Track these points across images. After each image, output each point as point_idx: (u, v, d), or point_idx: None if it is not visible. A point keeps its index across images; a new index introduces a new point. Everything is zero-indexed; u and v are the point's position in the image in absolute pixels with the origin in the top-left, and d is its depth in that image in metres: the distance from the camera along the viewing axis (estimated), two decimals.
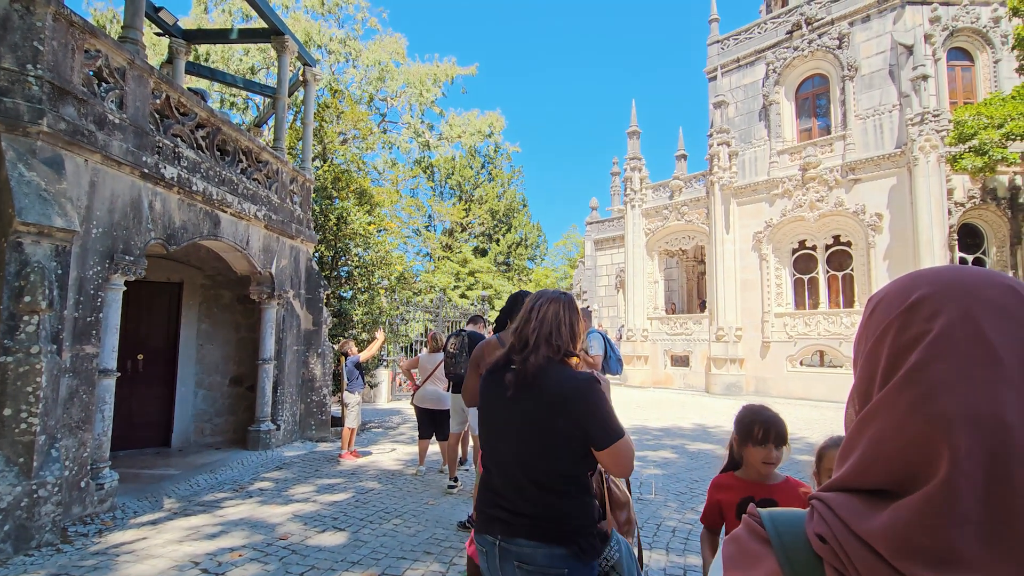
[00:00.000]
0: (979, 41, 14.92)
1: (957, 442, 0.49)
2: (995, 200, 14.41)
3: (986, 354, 0.52)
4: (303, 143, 9.77)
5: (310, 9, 22.73)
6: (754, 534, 0.63)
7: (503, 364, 1.81)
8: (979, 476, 0.48)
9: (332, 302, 11.06)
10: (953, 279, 0.57)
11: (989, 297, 0.55)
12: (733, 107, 18.19)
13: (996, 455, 0.48)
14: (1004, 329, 0.53)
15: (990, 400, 0.50)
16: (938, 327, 0.54)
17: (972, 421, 0.50)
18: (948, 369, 0.52)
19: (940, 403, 0.51)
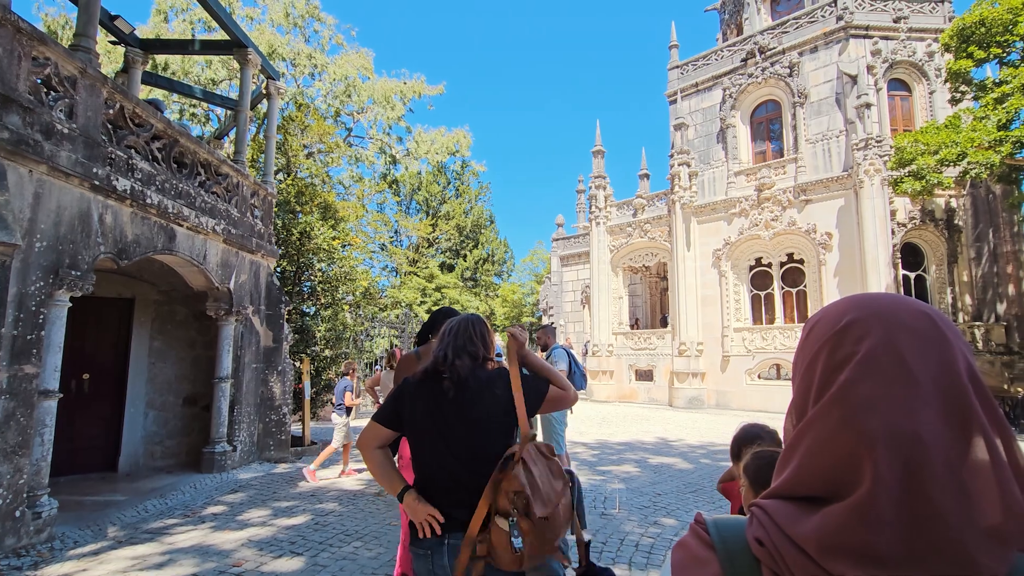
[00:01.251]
0: (916, 73, 15.99)
1: (879, 456, 0.55)
2: (933, 221, 15.34)
3: (905, 375, 0.58)
4: (265, 156, 9.61)
5: (276, 22, 22.51)
6: (700, 540, 0.68)
7: (432, 373, 2.00)
8: (897, 486, 0.54)
9: (294, 318, 10.81)
10: (879, 305, 0.64)
11: (907, 322, 0.61)
12: (692, 129, 18.86)
13: (912, 468, 0.55)
14: (920, 351, 0.59)
15: (908, 418, 0.56)
16: (864, 349, 0.60)
17: (892, 437, 0.56)
18: (873, 389, 0.58)
19: (865, 420, 0.57)
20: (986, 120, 11.07)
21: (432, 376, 2.00)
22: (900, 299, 0.66)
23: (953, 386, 0.57)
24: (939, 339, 0.60)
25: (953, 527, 0.53)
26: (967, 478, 0.55)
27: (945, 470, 0.54)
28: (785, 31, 17.19)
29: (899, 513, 0.53)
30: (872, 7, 16.16)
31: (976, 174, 11.18)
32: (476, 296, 34.54)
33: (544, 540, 1.77)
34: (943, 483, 0.54)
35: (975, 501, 0.54)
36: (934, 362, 0.58)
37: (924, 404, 0.57)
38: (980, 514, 0.54)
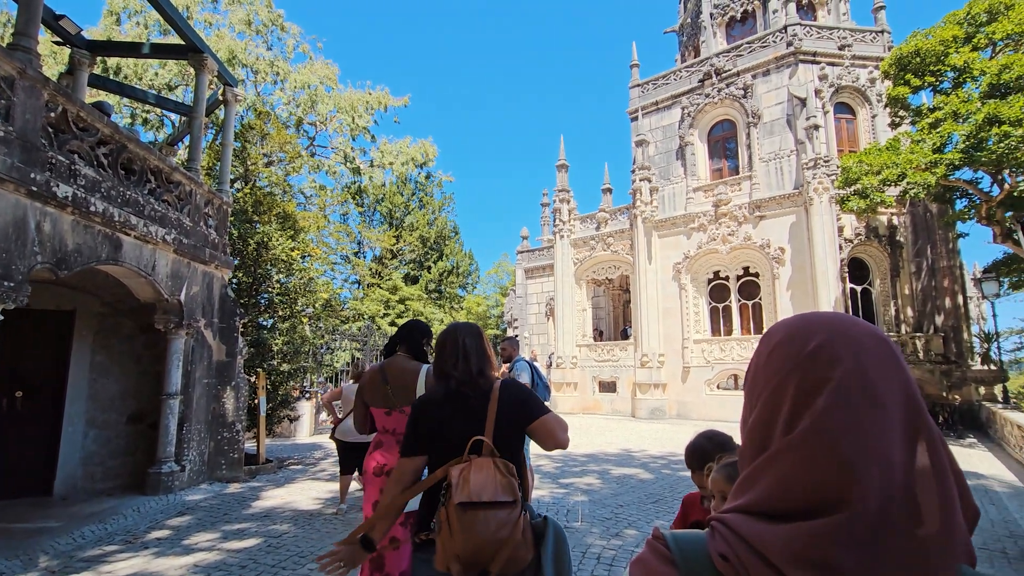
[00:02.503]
0: (859, 98, 16.93)
1: (861, 481, 0.59)
2: (877, 237, 16.18)
3: (874, 400, 0.62)
4: (221, 164, 9.33)
5: (237, 28, 22.03)
6: (660, 556, 0.67)
7: (455, 391, 2.04)
8: (872, 509, 0.58)
9: (250, 331, 10.45)
10: (841, 328, 0.68)
11: (870, 346, 0.66)
12: (653, 146, 19.39)
13: (886, 491, 0.59)
14: (884, 376, 0.64)
15: (880, 442, 0.61)
16: (838, 376, 0.64)
17: (871, 462, 0.60)
18: (849, 415, 0.62)
19: (844, 448, 0.61)
20: (922, 143, 11.80)
21: (455, 394, 2.03)
22: (855, 321, 0.70)
23: (911, 407, 0.63)
24: (895, 362, 0.66)
25: (917, 545, 0.57)
26: (922, 494, 0.59)
27: (905, 489, 0.59)
28: (739, 55, 17.95)
29: (874, 533, 0.57)
30: (819, 35, 17.07)
31: (915, 194, 11.87)
32: (440, 308, 34.26)
33: (457, 548, 1.66)
34: (906, 502, 0.59)
35: (927, 515, 0.59)
36: (896, 386, 0.64)
37: (891, 428, 0.61)
38: (932, 526, 0.58)
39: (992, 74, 10.94)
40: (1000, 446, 11.70)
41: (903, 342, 15.40)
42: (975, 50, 11.81)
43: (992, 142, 10.45)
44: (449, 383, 2.04)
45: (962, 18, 12.09)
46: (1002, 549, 5.19)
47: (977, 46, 11.83)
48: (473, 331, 2.20)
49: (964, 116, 11.15)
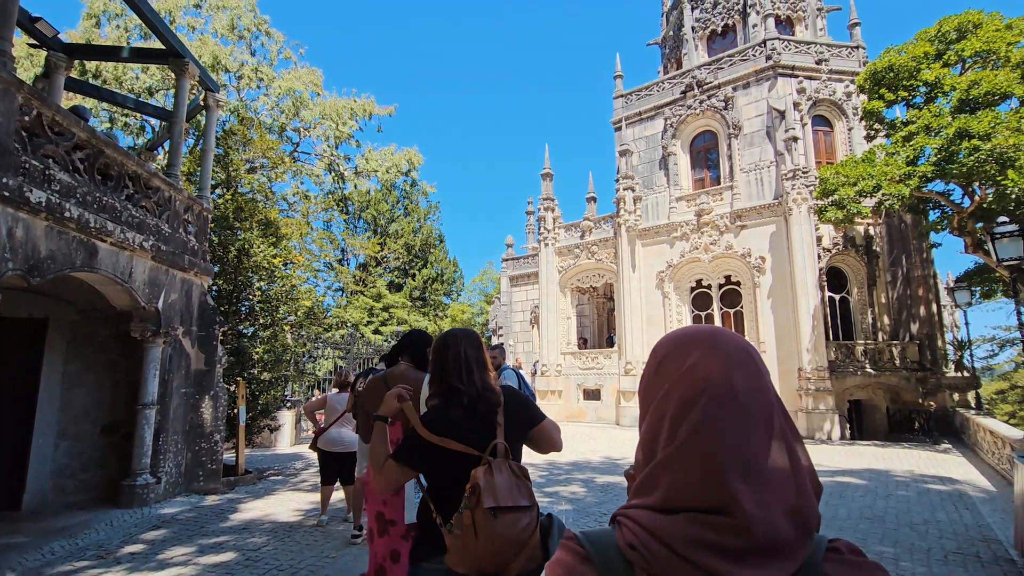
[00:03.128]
0: (836, 111, 17.35)
1: (732, 478, 0.71)
2: (854, 247, 16.53)
3: (741, 408, 0.74)
4: (202, 170, 9.20)
5: (220, 34, 21.83)
6: (576, 555, 0.76)
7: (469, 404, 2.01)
8: (746, 497, 0.69)
9: (230, 339, 10.28)
10: (715, 344, 0.79)
11: (737, 358, 0.77)
12: (636, 156, 19.61)
13: (750, 482, 0.71)
14: (747, 386, 0.75)
15: (744, 443, 0.72)
16: (709, 390, 0.75)
17: (738, 461, 0.72)
18: (720, 424, 0.73)
19: (717, 452, 0.72)
20: (896, 156, 12.12)
21: (468, 404, 2.02)
22: (727, 337, 0.81)
23: (766, 410, 0.75)
24: (756, 371, 0.77)
25: (781, 524, 0.69)
26: (780, 481, 0.71)
27: (777, 479, 0.71)
28: (720, 67, 18.30)
29: (748, 521, 0.68)
30: (797, 49, 17.48)
31: (890, 205, 12.17)
32: (425, 316, 34.09)
33: (481, 550, 1.68)
34: (776, 490, 0.71)
35: (784, 497, 0.71)
36: (759, 396, 0.75)
37: (752, 430, 0.73)
38: (788, 506, 0.71)
39: (962, 90, 11.30)
40: (974, 451, 11.96)
41: (880, 350, 15.71)
42: (946, 66, 12.20)
43: (962, 155, 10.77)
44: (461, 399, 2.00)
45: (933, 35, 12.50)
46: (976, 553, 5.30)
47: (947, 62, 12.22)
48: (473, 340, 2.15)
49: (936, 130, 11.49)
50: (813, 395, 14.53)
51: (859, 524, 6.25)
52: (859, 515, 6.64)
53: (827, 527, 6.12)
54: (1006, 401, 28.05)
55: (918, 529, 6.07)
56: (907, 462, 10.69)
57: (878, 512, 6.78)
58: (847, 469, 9.84)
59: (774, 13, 18.81)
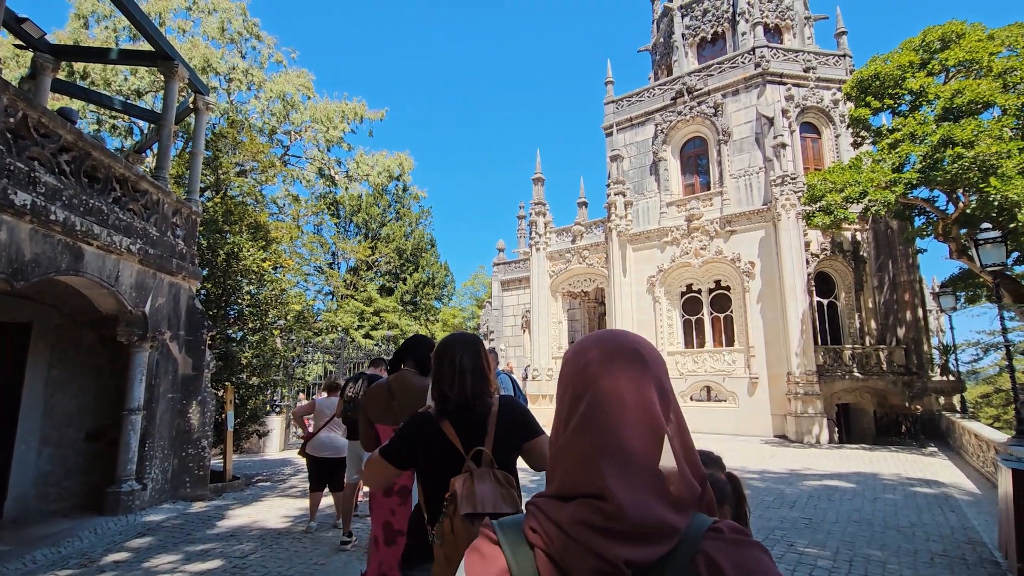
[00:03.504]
0: (823, 118, 17.58)
1: (607, 466, 0.78)
2: (842, 252, 16.72)
3: (619, 404, 0.82)
4: (191, 173, 9.13)
5: (210, 36, 21.71)
6: (488, 540, 0.84)
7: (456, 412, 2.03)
8: (620, 483, 0.76)
9: (218, 344, 10.18)
10: (607, 347, 0.87)
11: (624, 358, 0.85)
12: (627, 161, 19.73)
13: (628, 469, 0.78)
14: (630, 384, 0.83)
15: (619, 437, 0.80)
16: (593, 388, 0.83)
17: (616, 451, 0.79)
18: (600, 417, 0.81)
19: (600, 441, 0.80)
20: (883, 163, 12.29)
21: (463, 408, 2.03)
22: (621, 338, 0.89)
23: (646, 404, 0.81)
24: (641, 371, 0.84)
25: (654, 508, 0.76)
26: (652, 468, 0.78)
27: (646, 466, 0.78)
28: (710, 74, 18.48)
29: (624, 501, 0.75)
30: (785, 57, 17.71)
31: (876, 211, 12.33)
32: (416, 320, 33.98)
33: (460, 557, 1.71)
34: (645, 476, 0.77)
35: (656, 483, 0.77)
36: (637, 391, 0.82)
37: (629, 423, 0.80)
38: (660, 490, 0.77)
39: (946, 98, 11.50)
40: (959, 454, 12.11)
41: (867, 354, 15.88)
42: (930, 75, 12.41)
43: (947, 163, 10.94)
44: (447, 405, 2.02)
45: (918, 45, 12.71)
46: (961, 556, 5.35)
47: (932, 71, 12.43)
48: (471, 347, 2.12)
49: (921, 138, 11.67)
50: (802, 399, 14.64)
51: (847, 527, 6.30)
52: (847, 518, 6.69)
53: (816, 530, 6.16)
54: (991, 405, 28.46)
55: (905, 532, 6.12)
56: (894, 465, 10.80)
57: (866, 515, 6.84)
58: (836, 473, 9.92)
59: (763, 21, 19.05)
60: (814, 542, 5.75)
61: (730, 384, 16.42)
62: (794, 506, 7.35)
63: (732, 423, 16.05)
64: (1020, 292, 12.72)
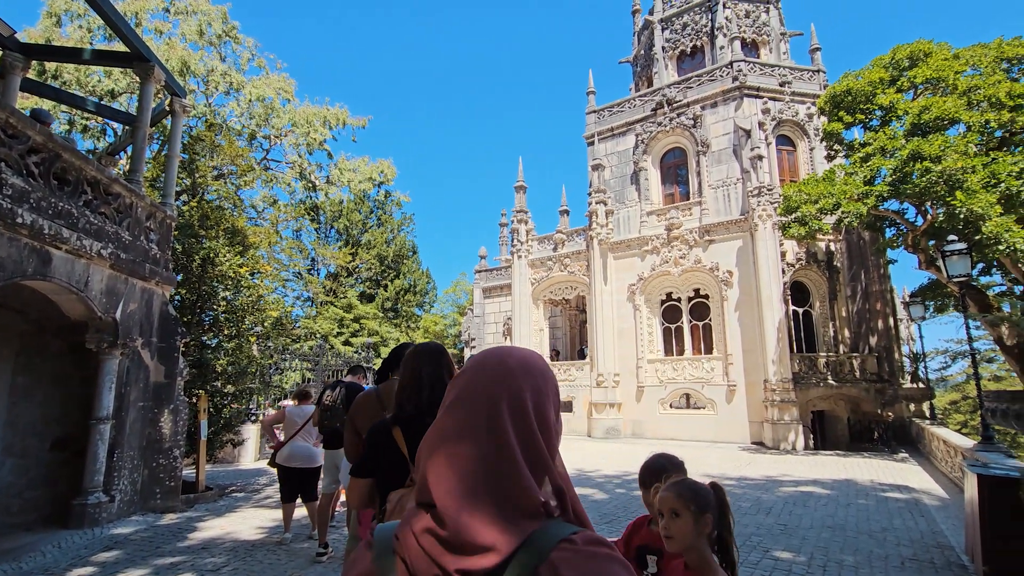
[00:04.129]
0: (798, 131, 18.02)
1: (440, 471, 0.82)
2: (816, 262, 17.10)
3: (472, 411, 0.84)
4: (166, 176, 8.95)
5: (189, 38, 21.39)
6: (365, 544, 0.90)
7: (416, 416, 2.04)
8: (454, 489, 0.79)
9: (192, 351, 9.95)
10: (480, 359, 0.91)
11: (485, 369, 0.88)
12: (609, 170, 19.94)
13: (462, 478, 0.80)
14: (482, 393, 0.85)
15: (456, 446, 0.82)
16: (453, 395, 0.88)
17: (451, 457, 0.82)
18: (447, 421, 0.86)
19: (434, 453, 0.84)
20: (855, 176, 12.63)
21: (415, 418, 2.04)
22: (496, 353, 0.92)
23: (494, 415, 0.83)
24: (498, 380, 0.86)
25: (483, 517, 0.76)
26: (497, 476, 0.79)
27: (483, 474, 0.79)
28: (689, 86, 18.83)
29: (444, 510, 0.77)
30: (762, 71, 18.14)
31: (849, 222, 12.65)
32: (396, 327, 33.70)
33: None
34: (482, 482, 0.79)
35: (503, 491, 0.78)
36: (487, 399, 0.84)
37: (471, 435, 0.82)
38: (506, 499, 0.78)
39: (914, 114, 11.89)
40: (929, 460, 12.42)
41: (841, 362, 16.22)
42: (899, 92, 12.83)
43: (915, 177, 11.30)
44: (402, 413, 2.05)
45: (887, 62, 13.14)
46: (930, 559, 5.48)
47: (901, 88, 12.86)
48: (433, 358, 2.14)
49: (891, 152, 12.04)
50: (778, 406, 14.88)
51: (821, 533, 6.40)
52: (821, 524, 6.79)
53: (791, 536, 6.25)
54: (959, 411, 29.25)
55: (877, 537, 6.24)
56: (867, 471, 11.02)
57: (839, 521, 6.96)
58: (811, 479, 10.08)
59: (740, 36, 19.52)
60: (789, 548, 5.82)
61: (709, 392, 16.61)
62: (770, 512, 7.45)
63: (711, 430, 16.22)
64: (985, 302, 13.16)
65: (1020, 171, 10.59)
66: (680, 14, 21.43)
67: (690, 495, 1.68)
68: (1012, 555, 4.34)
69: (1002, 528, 4.39)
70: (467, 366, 0.92)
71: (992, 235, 10.21)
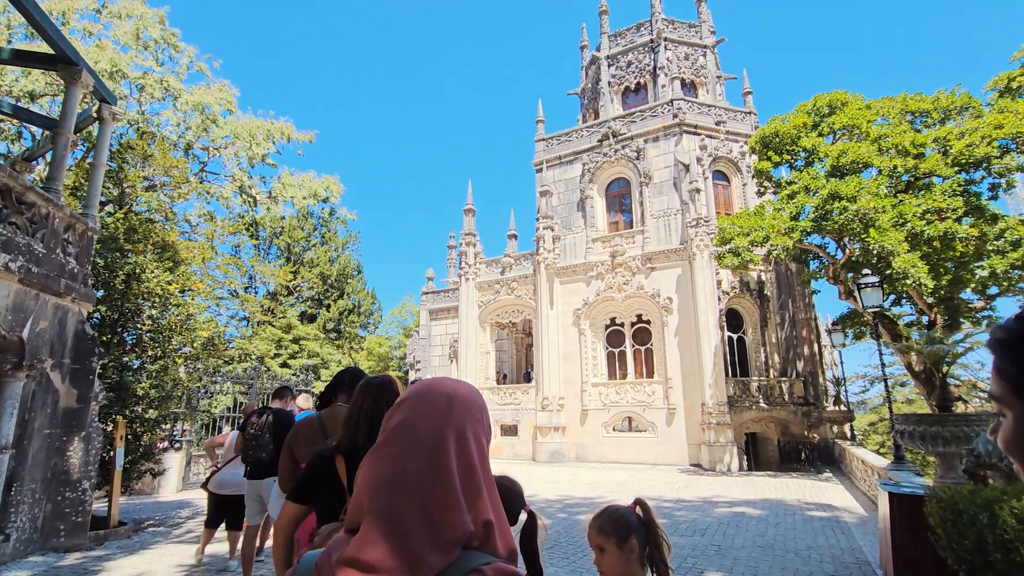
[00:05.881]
0: (732, 168, 19.18)
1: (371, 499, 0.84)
2: (749, 291, 18.06)
3: (412, 438, 0.87)
4: (90, 186, 8.39)
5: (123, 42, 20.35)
6: (292, 570, 0.94)
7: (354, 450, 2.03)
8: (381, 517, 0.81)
9: (111, 373, 9.23)
10: (420, 389, 0.94)
11: (426, 402, 0.91)
12: (556, 197, 20.42)
13: (393, 506, 0.82)
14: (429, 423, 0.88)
15: (397, 467, 0.84)
16: (394, 422, 0.90)
17: (382, 484, 0.84)
18: (387, 447, 0.87)
19: (368, 479, 0.86)
20: (782, 211, 13.55)
21: (353, 451, 2.03)
22: (442, 386, 0.95)
23: (437, 443, 0.86)
24: (443, 412, 0.89)
25: (416, 542, 0.79)
26: (432, 505, 0.81)
27: (418, 503, 0.81)
28: (633, 121, 19.72)
29: (380, 539, 0.78)
30: (700, 110, 19.27)
31: (777, 254, 13.50)
32: (339, 349, 32.65)
33: None
34: (416, 512, 0.80)
35: (433, 521, 0.80)
36: (432, 431, 0.87)
37: (412, 450, 0.85)
38: (435, 529, 0.80)
39: (833, 157, 12.95)
40: (850, 479, 13.18)
41: (771, 386, 17.08)
42: (820, 136, 13.96)
43: (835, 214, 12.25)
44: (343, 442, 2.07)
45: (810, 108, 14.30)
46: (849, 575, 5.78)
47: (822, 133, 14.00)
48: (374, 394, 2.11)
49: (813, 191, 13.02)
50: (714, 428, 15.42)
51: (752, 552, 6.63)
52: (752, 544, 7.04)
53: (724, 556, 6.44)
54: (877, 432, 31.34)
55: (803, 555, 6.53)
56: (795, 491, 11.56)
57: (769, 540, 7.24)
58: (744, 500, 10.46)
59: (680, 76, 20.70)
60: (722, 568, 5.99)
61: (650, 415, 17.02)
62: (705, 533, 7.65)
63: (652, 453, 16.58)
64: (896, 331, 14.28)
65: (923, 212, 11.70)
66: (625, 52, 22.53)
67: (611, 528, 1.73)
68: (919, 568, 4.65)
69: (910, 542, 4.70)
70: (410, 394, 0.94)
71: (901, 270, 11.16)
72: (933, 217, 11.73)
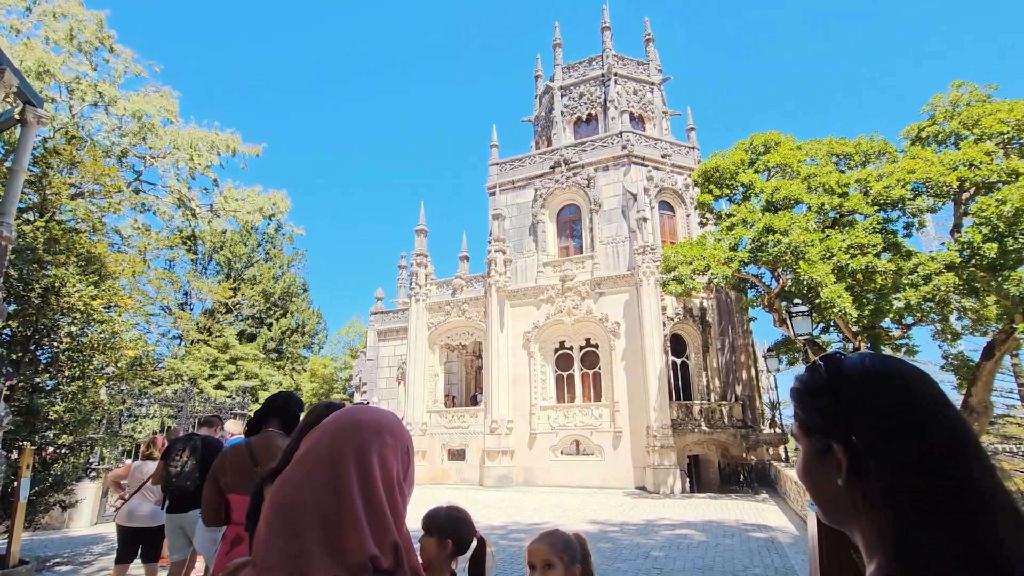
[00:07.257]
0: (677, 198, 20.05)
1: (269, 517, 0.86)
2: (692, 317, 18.74)
3: (315, 461, 0.90)
4: (7, 192, 7.77)
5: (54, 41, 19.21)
6: None
7: None
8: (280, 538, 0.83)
9: (19, 395, 8.44)
10: (341, 415, 0.97)
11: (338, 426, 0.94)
12: (508, 220, 20.64)
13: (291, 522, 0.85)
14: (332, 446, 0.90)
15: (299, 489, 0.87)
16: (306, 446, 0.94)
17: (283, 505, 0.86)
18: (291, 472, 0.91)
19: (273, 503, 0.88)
20: (722, 242, 14.25)
21: None
22: (350, 411, 0.98)
23: (340, 470, 0.87)
24: (349, 436, 0.91)
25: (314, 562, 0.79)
26: (333, 527, 0.82)
27: (318, 524, 0.82)
28: (584, 149, 20.34)
29: (282, 564, 0.79)
30: (647, 143, 20.13)
31: (717, 282, 14.13)
32: (280, 370, 31.27)
33: None
34: (317, 535, 0.81)
35: (335, 544, 0.81)
36: (333, 454, 0.88)
37: (318, 483, 0.86)
38: (338, 553, 0.81)
39: (768, 193, 13.79)
40: (784, 500, 13.72)
41: (712, 409, 17.66)
42: (756, 172, 14.86)
43: (769, 246, 12.98)
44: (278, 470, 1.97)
45: (747, 146, 15.23)
46: None
47: (758, 169, 14.91)
48: (315, 420, 2.05)
49: (750, 223, 13.78)
50: (659, 451, 15.73)
51: (692, 574, 6.75)
52: (693, 566, 7.17)
53: None
54: None
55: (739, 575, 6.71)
56: (734, 512, 11.90)
57: (708, 562, 7.40)
58: (686, 521, 10.67)
59: (628, 110, 21.61)
60: None
61: (597, 438, 17.18)
62: (648, 557, 7.73)
63: (599, 476, 16.68)
64: None
65: (848, 247, 12.60)
66: (577, 84, 23.34)
67: (562, 546, 1.74)
68: None
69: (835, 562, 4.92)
70: (324, 421, 0.96)
71: (828, 300, 11.92)
72: (856, 252, 12.64)
